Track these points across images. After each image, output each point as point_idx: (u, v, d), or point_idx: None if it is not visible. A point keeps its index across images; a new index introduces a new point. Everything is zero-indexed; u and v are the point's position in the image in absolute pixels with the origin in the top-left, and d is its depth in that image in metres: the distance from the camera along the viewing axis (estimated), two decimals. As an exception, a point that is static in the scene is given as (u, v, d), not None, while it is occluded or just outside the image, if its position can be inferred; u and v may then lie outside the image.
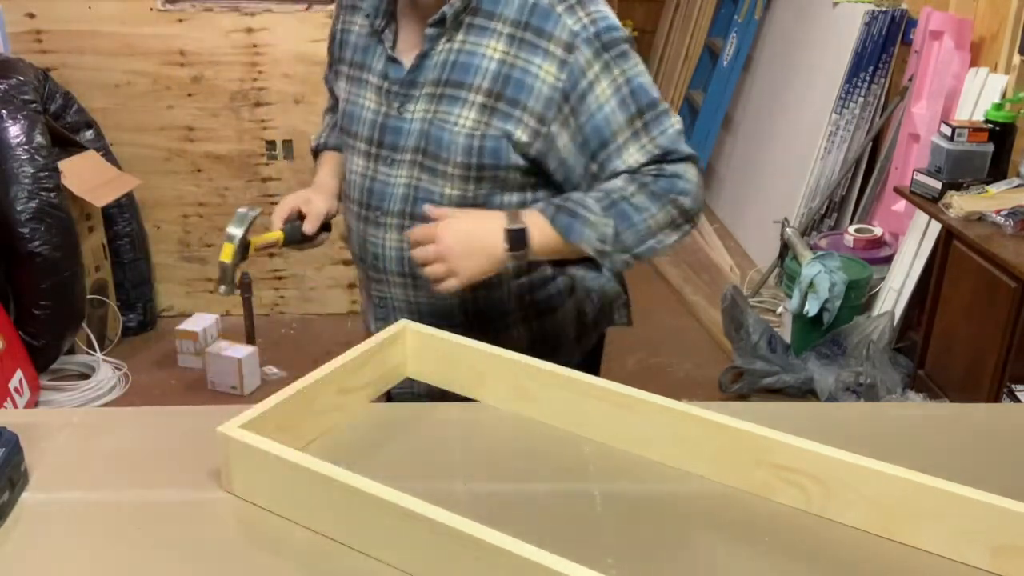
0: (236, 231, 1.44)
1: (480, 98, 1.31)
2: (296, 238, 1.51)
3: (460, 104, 1.32)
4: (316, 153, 1.70)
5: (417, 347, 1.34)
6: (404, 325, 1.34)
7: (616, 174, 1.32)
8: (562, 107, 1.30)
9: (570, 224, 1.29)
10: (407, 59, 1.36)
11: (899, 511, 1.02)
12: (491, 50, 1.30)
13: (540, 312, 1.49)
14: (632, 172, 1.31)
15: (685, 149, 1.33)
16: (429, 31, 1.33)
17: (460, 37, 1.32)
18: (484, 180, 1.35)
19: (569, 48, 1.28)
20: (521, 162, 1.34)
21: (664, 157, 1.32)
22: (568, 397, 1.22)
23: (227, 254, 1.44)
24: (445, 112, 1.33)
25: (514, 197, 1.38)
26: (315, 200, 1.54)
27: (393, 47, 1.38)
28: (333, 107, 1.66)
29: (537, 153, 1.33)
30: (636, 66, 1.32)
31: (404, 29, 1.39)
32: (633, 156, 1.31)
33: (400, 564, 0.96)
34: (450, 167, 1.34)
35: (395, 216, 1.41)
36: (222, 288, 1.47)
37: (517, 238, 1.28)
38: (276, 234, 1.49)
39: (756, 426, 1.10)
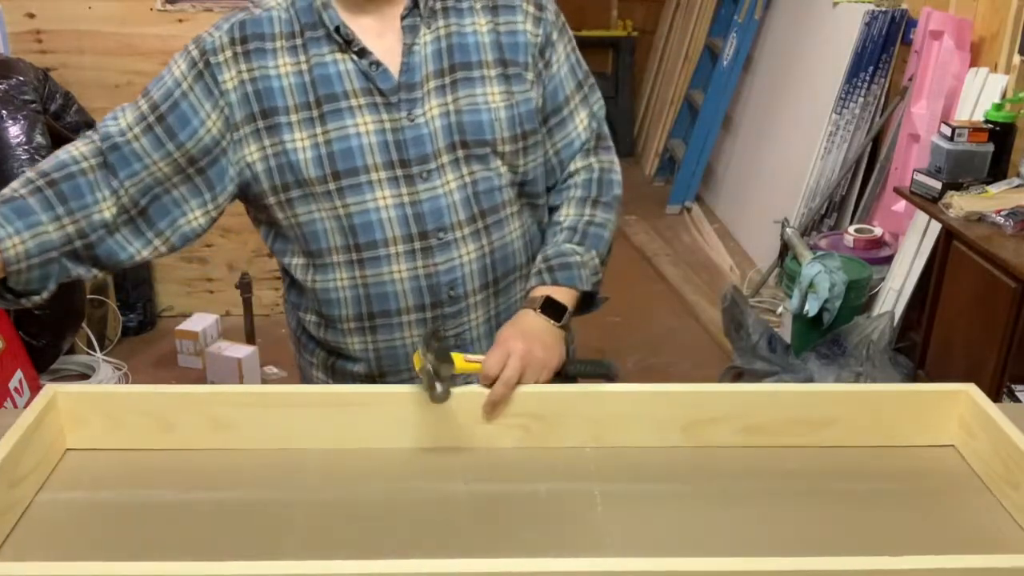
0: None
1: (494, 71, 1.29)
2: None
3: (480, 83, 1.28)
4: None
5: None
6: None
7: (570, 150, 1.38)
8: (537, 63, 1.33)
9: (570, 275, 1.32)
10: (386, 64, 1.25)
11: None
12: (478, 26, 1.29)
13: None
14: (576, 170, 1.39)
15: (606, 130, 1.43)
16: (406, 23, 1.26)
17: (440, 23, 1.28)
18: (528, 150, 1.32)
19: (539, 7, 1.33)
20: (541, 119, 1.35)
21: (598, 138, 1.41)
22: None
23: (417, 360, 1.16)
24: (470, 95, 1.27)
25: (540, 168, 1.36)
26: None
27: (370, 58, 1.24)
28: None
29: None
30: (573, 37, 1.40)
31: (362, 37, 1.25)
32: (583, 123, 1.38)
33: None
34: (503, 145, 1.29)
35: (465, 225, 1.28)
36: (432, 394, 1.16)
37: (552, 308, 1.29)
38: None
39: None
